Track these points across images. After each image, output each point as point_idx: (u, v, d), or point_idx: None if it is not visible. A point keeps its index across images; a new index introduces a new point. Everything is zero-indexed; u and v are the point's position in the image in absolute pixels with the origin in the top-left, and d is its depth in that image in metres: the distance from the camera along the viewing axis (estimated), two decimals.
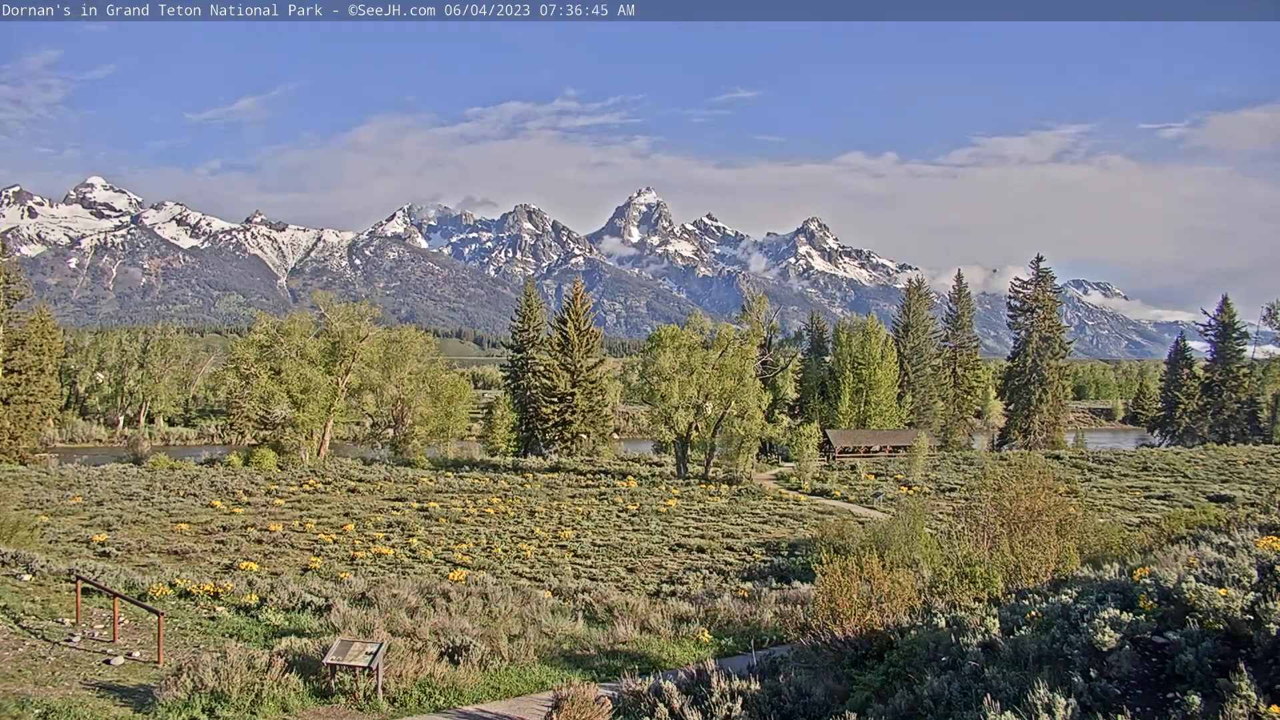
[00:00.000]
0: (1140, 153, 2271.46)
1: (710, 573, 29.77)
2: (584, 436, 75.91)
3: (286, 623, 17.94)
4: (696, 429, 58.23)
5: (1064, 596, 11.07)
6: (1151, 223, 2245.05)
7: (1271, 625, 7.84)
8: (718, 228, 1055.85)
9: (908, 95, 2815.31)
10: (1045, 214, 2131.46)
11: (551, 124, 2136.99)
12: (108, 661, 14.28)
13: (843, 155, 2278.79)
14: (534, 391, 78.63)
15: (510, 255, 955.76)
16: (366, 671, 13.05)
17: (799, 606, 19.96)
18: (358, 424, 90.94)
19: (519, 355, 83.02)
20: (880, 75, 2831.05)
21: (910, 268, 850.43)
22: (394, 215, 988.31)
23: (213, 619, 18.02)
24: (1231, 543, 12.40)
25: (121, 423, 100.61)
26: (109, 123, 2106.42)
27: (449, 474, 55.65)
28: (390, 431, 73.04)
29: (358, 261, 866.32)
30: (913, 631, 12.14)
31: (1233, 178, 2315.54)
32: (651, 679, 12.72)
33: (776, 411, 74.01)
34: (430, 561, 30.65)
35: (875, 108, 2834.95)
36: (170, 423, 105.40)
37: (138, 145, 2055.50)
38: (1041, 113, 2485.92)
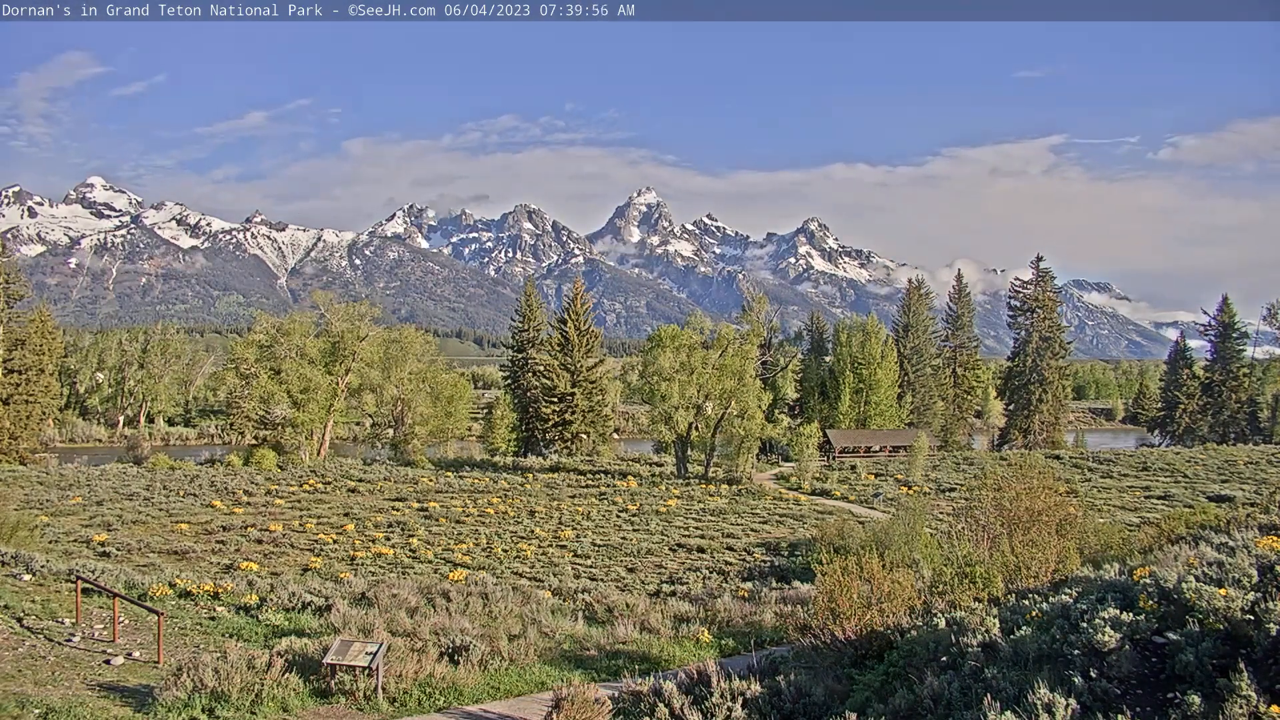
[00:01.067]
0: (1098, 164, 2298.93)
1: (710, 573, 29.77)
2: (584, 436, 75.92)
3: (286, 623, 17.93)
4: (696, 429, 58.23)
5: (1064, 596, 11.07)
6: (1131, 230, 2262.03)
7: (1271, 625, 7.84)
8: (717, 228, 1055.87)
9: (879, 107, 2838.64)
10: (1028, 221, 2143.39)
11: (540, 138, 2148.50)
12: (108, 661, 14.28)
13: (825, 165, 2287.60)
14: (534, 391, 78.63)
15: (510, 255, 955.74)
16: (366, 671, 13.05)
17: (799, 606, 19.97)
18: (358, 424, 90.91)
19: (519, 355, 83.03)
20: (855, 87, 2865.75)
21: (910, 267, 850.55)
22: (394, 215, 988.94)
23: (213, 619, 18.01)
24: (1231, 543, 12.39)
25: (121, 423, 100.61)
26: (130, 134, 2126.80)
27: (449, 474, 55.66)
28: (390, 431, 73.02)
29: (358, 261, 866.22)
30: (913, 631, 12.14)
31: (1202, 190, 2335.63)
32: (652, 679, 12.71)
33: (776, 411, 74.01)
34: (430, 561, 30.65)
35: (851, 119, 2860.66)
36: (170, 423, 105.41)
37: (153, 156, 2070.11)
38: (1004, 128, 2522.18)
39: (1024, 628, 10.22)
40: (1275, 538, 11.27)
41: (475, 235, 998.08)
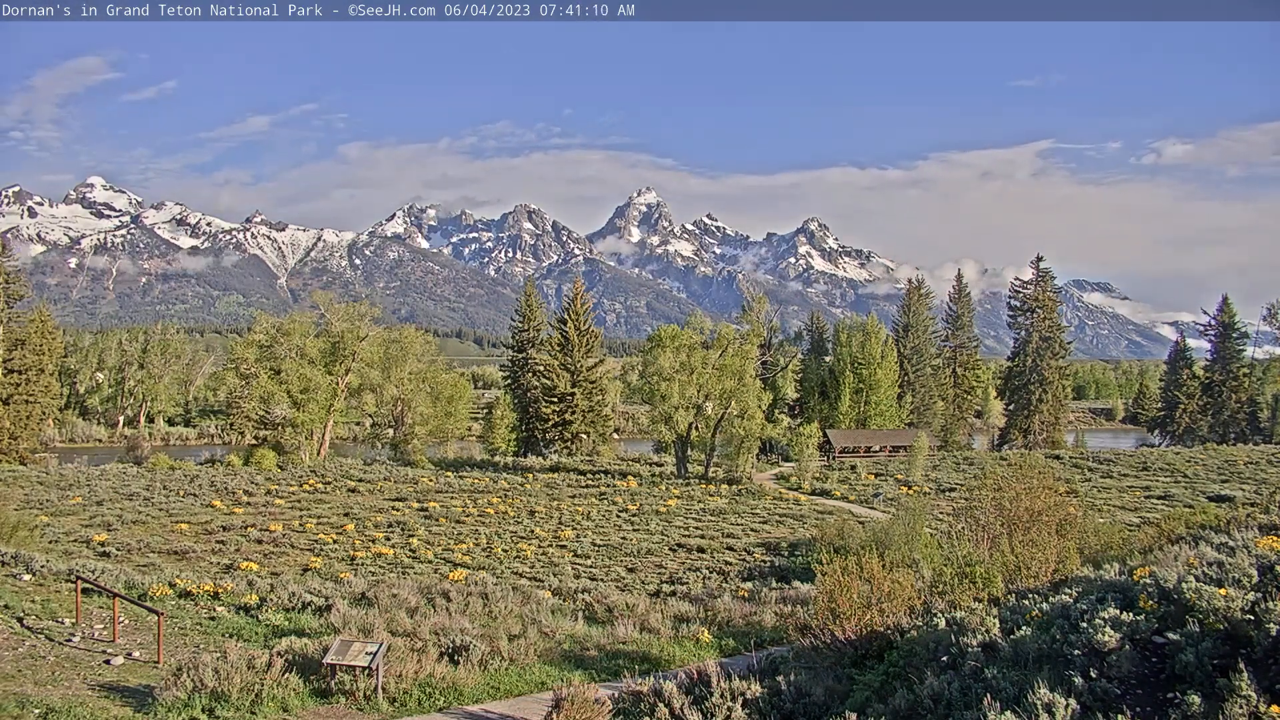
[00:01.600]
0: (1092, 168, 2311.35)
1: (710, 573, 29.78)
2: (584, 436, 75.92)
3: (287, 623, 17.93)
4: (696, 429, 58.22)
5: (1064, 596, 11.07)
6: (1128, 231, 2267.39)
7: (1271, 625, 7.84)
8: (718, 228, 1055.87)
9: (876, 110, 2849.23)
10: (1025, 223, 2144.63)
11: (536, 143, 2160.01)
12: (108, 661, 14.28)
13: (821, 169, 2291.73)
14: (534, 391, 78.63)
15: (510, 255, 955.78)
16: (366, 671, 13.05)
17: (799, 606, 19.98)
18: (358, 424, 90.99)
19: (519, 355, 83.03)
20: (853, 90, 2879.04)
21: (910, 266, 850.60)
22: (394, 215, 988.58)
23: (213, 619, 18.02)
24: (1231, 543, 12.39)
25: (121, 423, 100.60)
26: (136, 139, 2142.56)
27: (449, 474, 55.66)
28: (390, 431, 73.04)
29: (358, 261, 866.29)
30: (913, 631, 12.13)
31: (1195, 193, 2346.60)
32: (652, 679, 12.71)
33: (776, 411, 74.04)
34: (430, 561, 30.66)
35: (847, 123, 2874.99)
36: (170, 423, 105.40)
37: (161, 160, 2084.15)
38: (996, 134, 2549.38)
39: (1024, 628, 10.21)
40: (1275, 538, 11.27)
41: (475, 235, 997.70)
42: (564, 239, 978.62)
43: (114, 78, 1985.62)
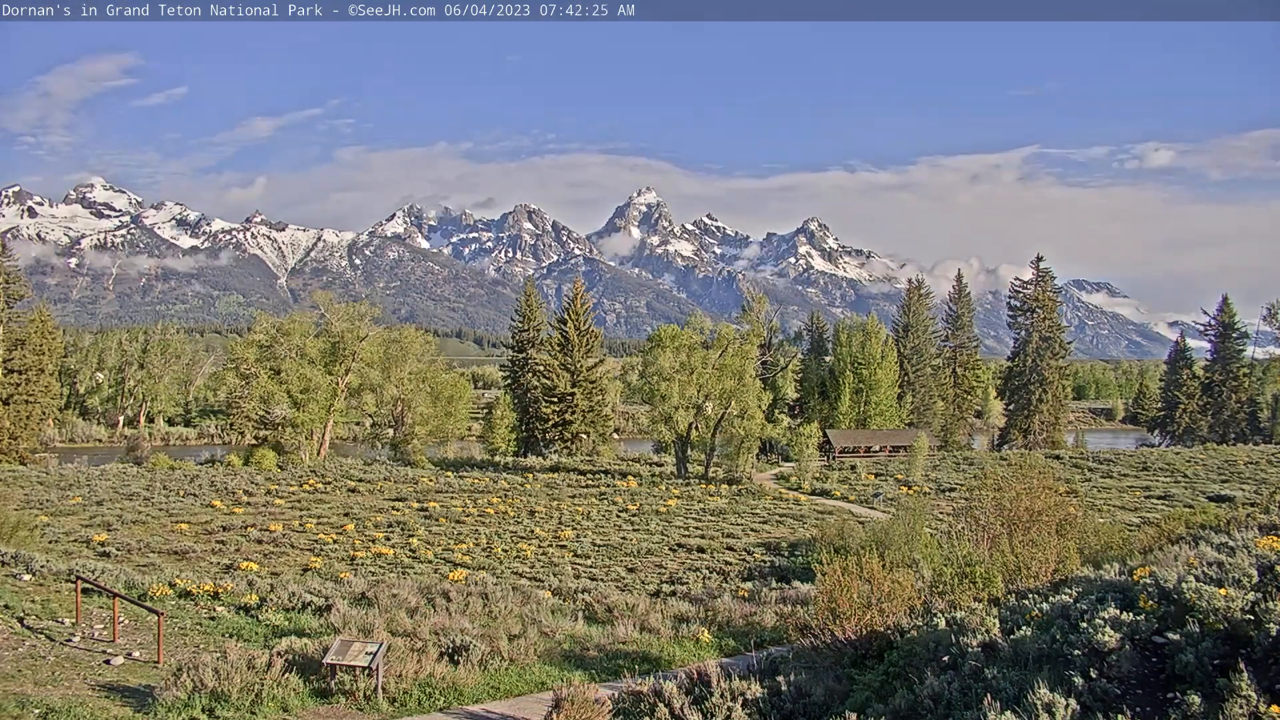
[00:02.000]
0: (1068, 173, 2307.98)
1: (710, 573, 29.78)
2: (584, 436, 75.93)
3: (287, 623, 17.93)
4: (696, 429, 58.23)
5: (1064, 596, 11.06)
6: (1125, 234, 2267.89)
7: (1271, 625, 7.83)
8: (717, 228, 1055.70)
9: (871, 111, 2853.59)
10: (1024, 224, 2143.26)
11: (535, 148, 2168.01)
12: (108, 661, 14.28)
13: (821, 171, 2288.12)
14: (534, 391, 78.63)
15: (510, 255, 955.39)
16: (367, 671, 13.05)
17: (799, 606, 19.98)
18: (358, 424, 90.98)
19: (519, 355, 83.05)
20: (851, 94, 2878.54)
21: (912, 265, 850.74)
22: (394, 215, 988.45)
23: (213, 619, 18.01)
24: (1231, 543, 12.39)
25: (121, 423, 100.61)
26: (145, 142, 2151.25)
27: (449, 474, 55.66)
28: (390, 431, 73.04)
29: (358, 261, 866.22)
30: (913, 631, 12.14)
31: (1192, 196, 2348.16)
32: (652, 679, 12.70)
33: (776, 411, 74.01)
34: (430, 561, 30.66)
35: (845, 125, 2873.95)
36: (170, 423, 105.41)
37: (169, 164, 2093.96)
38: (990, 140, 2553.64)
39: (1024, 628, 10.21)
40: (1275, 538, 11.26)
41: (475, 235, 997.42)
42: (564, 239, 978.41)
43: (126, 84, 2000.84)
